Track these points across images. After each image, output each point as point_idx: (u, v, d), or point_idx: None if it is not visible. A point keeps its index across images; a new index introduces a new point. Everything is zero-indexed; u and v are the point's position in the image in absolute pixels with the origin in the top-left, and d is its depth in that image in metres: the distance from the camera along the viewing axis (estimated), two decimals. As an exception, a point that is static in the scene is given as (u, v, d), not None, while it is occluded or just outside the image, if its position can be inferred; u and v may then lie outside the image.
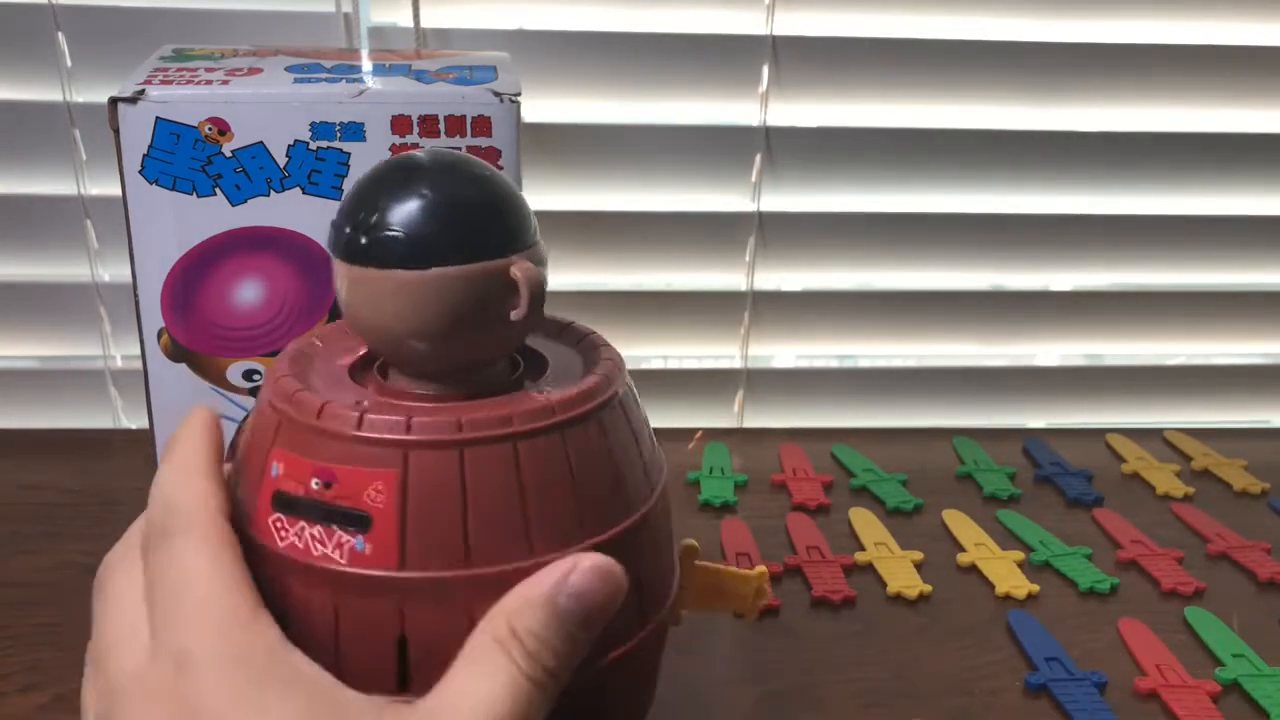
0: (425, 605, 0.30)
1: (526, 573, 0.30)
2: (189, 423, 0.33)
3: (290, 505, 0.30)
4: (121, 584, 0.30)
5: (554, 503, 0.31)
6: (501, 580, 0.29)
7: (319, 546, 0.30)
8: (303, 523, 0.30)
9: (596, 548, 0.32)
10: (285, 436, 0.31)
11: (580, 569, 0.29)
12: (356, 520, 0.30)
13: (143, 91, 0.45)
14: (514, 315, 0.31)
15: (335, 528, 0.30)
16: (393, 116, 0.46)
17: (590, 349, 0.37)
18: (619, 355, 0.37)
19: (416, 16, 0.62)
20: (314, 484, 0.30)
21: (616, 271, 0.70)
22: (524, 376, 0.35)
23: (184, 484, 0.31)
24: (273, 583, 0.30)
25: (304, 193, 0.47)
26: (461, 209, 0.31)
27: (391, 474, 0.30)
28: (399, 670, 0.30)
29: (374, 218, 0.31)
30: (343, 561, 0.30)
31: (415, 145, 0.46)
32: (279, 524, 0.30)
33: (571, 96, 0.66)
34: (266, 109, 0.45)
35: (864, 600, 0.53)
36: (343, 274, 0.32)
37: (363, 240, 0.31)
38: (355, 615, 0.30)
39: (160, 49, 0.52)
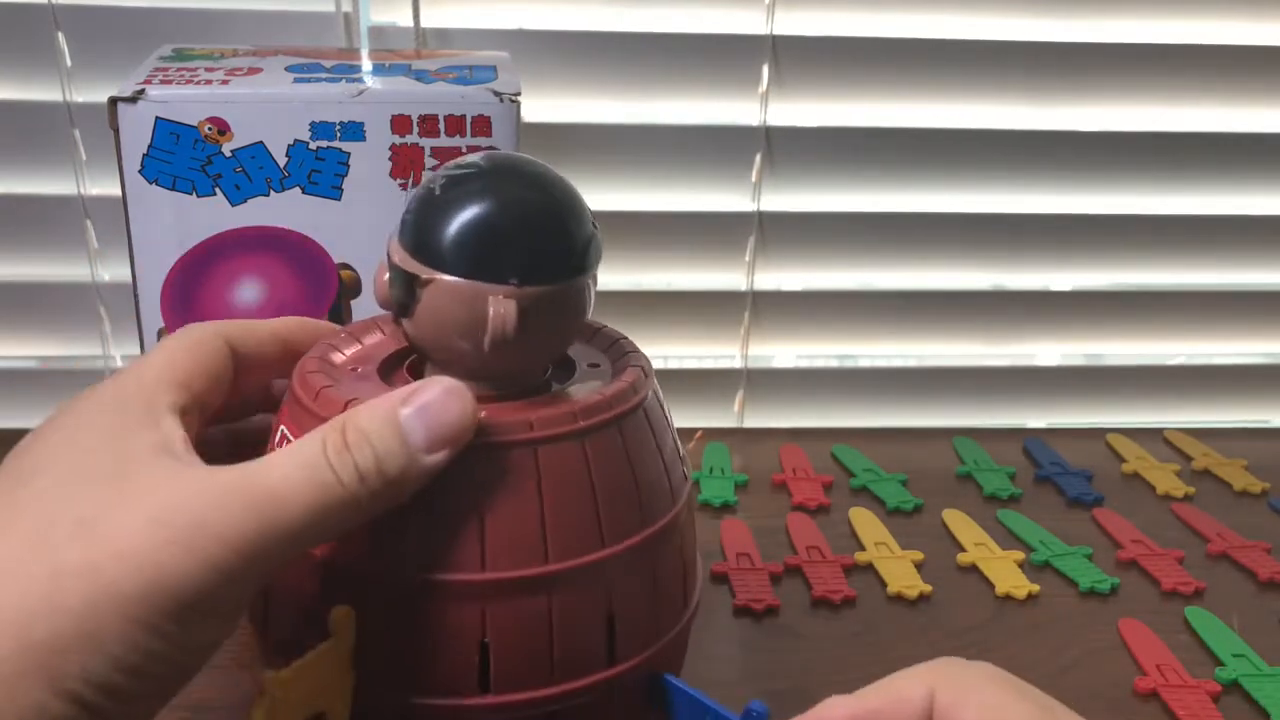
0: None
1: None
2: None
3: None
4: None
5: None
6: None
7: None
8: None
9: (615, 557, 0.32)
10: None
11: (428, 384, 0.30)
12: None
13: (143, 91, 0.45)
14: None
15: None
16: (393, 116, 0.46)
17: (619, 354, 0.37)
18: (648, 362, 0.37)
19: (416, 16, 0.62)
20: None
21: (616, 271, 0.70)
22: (551, 379, 0.36)
23: None
24: None
25: (304, 193, 0.47)
26: (549, 229, 0.33)
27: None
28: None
29: (458, 230, 0.32)
30: None
31: (415, 145, 0.46)
32: None
33: (571, 96, 0.66)
34: (266, 109, 0.45)
35: (864, 600, 0.53)
36: (423, 277, 0.32)
37: (450, 250, 0.32)
38: None
39: (160, 49, 0.52)
